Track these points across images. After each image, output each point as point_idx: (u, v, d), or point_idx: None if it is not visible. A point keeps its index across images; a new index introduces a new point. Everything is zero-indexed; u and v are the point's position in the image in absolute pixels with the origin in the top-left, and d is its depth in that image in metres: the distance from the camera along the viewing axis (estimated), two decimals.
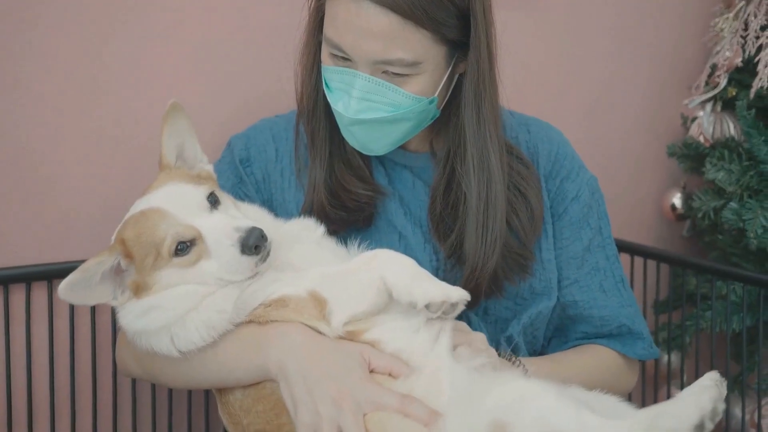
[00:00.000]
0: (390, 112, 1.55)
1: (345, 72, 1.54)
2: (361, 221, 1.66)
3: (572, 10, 2.51)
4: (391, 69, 1.51)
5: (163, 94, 1.93)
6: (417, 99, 1.55)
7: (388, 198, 1.69)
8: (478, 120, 1.61)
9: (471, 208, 1.62)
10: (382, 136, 1.60)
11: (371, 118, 1.55)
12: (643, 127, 2.69)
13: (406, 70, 1.52)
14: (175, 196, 1.44)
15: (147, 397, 1.98)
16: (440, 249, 1.66)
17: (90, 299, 1.42)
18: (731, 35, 2.46)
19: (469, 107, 1.60)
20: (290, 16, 2.03)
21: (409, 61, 1.51)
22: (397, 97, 1.54)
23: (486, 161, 1.62)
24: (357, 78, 1.53)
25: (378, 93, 1.53)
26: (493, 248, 1.61)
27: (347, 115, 1.56)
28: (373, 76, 1.52)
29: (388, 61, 1.50)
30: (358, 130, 1.58)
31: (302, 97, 1.70)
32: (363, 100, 1.54)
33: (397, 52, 1.49)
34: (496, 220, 1.61)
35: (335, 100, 1.58)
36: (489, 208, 1.61)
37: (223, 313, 1.44)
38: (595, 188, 1.79)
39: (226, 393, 1.51)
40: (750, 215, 2.23)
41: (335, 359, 1.39)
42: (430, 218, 1.68)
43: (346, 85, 1.55)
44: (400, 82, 1.53)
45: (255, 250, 1.39)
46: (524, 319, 1.69)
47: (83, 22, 1.85)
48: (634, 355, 1.76)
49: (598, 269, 1.75)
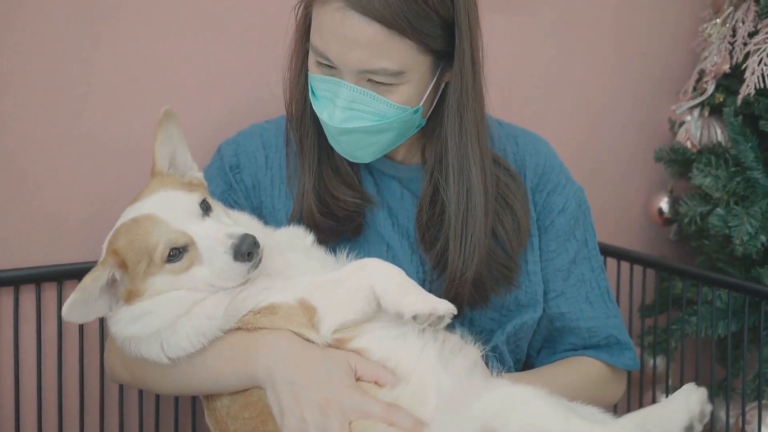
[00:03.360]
0: (375, 121, 1.56)
1: (330, 81, 1.55)
2: (350, 231, 1.67)
3: (560, 15, 2.51)
4: (376, 78, 1.52)
5: (153, 98, 1.93)
6: (402, 108, 1.56)
7: (377, 208, 1.70)
8: (460, 130, 1.61)
9: (450, 217, 1.62)
10: (368, 145, 1.60)
11: (355, 127, 1.56)
12: (630, 131, 2.70)
13: (391, 80, 1.52)
14: (168, 202, 1.45)
15: (134, 401, 1.98)
16: (426, 260, 1.67)
17: (90, 315, 1.43)
18: (719, 41, 2.46)
19: (452, 117, 1.61)
20: (280, 21, 2.03)
21: (394, 71, 1.51)
22: (381, 106, 1.54)
23: (466, 172, 1.62)
24: (342, 87, 1.53)
25: (362, 102, 1.54)
26: (472, 258, 1.61)
27: (332, 124, 1.56)
28: (357, 86, 1.53)
29: (373, 70, 1.50)
30: (344, 139, 1.59)
31: (290, 104, 1.70)
32: (347, 109, 1.54)
33: (381, 62, 1.50)
34: (475, 229, 1.62)
35: (321, 109, 1.58)
36: (468, 217, 1.62)
37: (213, 320, 1.44)
38: (581, 200, 1.80)
39: (213, 399, 1.52)
40: (736, 222, 2.23)
41: (322, 367, 1.40)
42: (417, 228, 1.69)
43: (332, 94, 1.55)
44: (385, 91, 1.54)
45: (247, 256, 1.40)
46: (508, 328, 1.70)
47: (72, 25, 1.85)
48: (622, 365, 1.77)
49: (584, 281, 1.76)
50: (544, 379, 1.65)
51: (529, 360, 1.82)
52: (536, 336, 1.78)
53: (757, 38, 2.31)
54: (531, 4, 2.45)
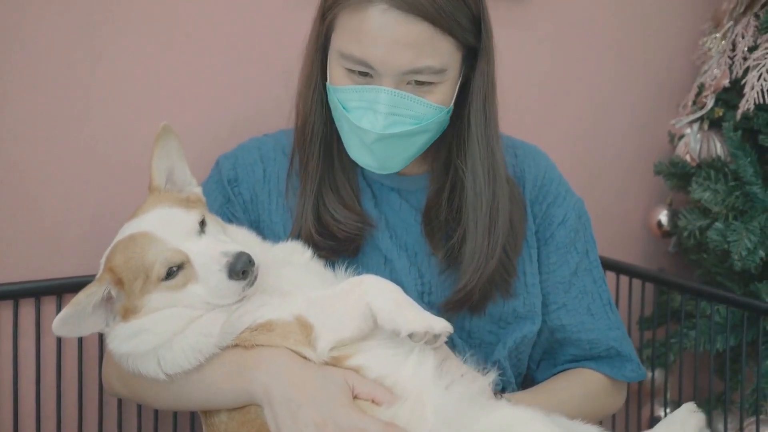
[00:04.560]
0: (414, 125, 1.56)
1: (366, 89, 1.54)
2: (350, 251, 1.67)
3: (560, 27, 2.52)
4: (419, 78, 1.52)
5: (152, 114, 1.94)
6: (439, 109, 1.57)
7: (374, 221, 1.70)
8: (486, 122, 1.64)
9: (473, 209, 1.63)
10: (402, 151, 1.61)
11: (397, 132, 1.56)
12: (630, 143, 2.70)
13: (433, 78, 1.54)
14: (164, 220, 1.45)
15: (133, 415, 1.98)
16: (427, 269, 1.67)
17: (83, 331, 1.44)
18: (719, 55, 2.46)
19: (478, 113, 1.63)
20: (279, 35, 2.05)
21: (437, 69, 1.53)
22: (421, 108, 1.55)
23: (492, 161, 1.64)
24: (381, 93, 1.53)
25: (403, 106, 1.54)
26: (495, 247, 1.64)
27: (375, 131, 1.55)
28: (397, 89, 1.53)
29: (418, 69, 1.51)
30: (381, 146, 1.58)
31: (305, 122, 1.69)
32: (390, 115, 1.54)
33: (426, 60, 1.51)
34: (499, 216, 1.64)
35: (358, 118, 1.57)
36: (497, 206, 1.65)
37: (209, 337, 1.44)
38: (581, 211, 1.81)
39: (212, 415, 1.52)
40: (735, 237, 2.23)
41: (319, 385, 1.40)
42: (426, 226, 1.69)
43: (369, 103, 1.55)
44: (425, 92, 1.55)
45: (242, 275, 1.40)
46: (509, 343, 1.70)
47: (73, 39, 1.85)
48: (623, 377, 1.77)
49: (586, 293, 1.76)
50: (546, 395, 1.66)
51: (528, 372, 1.82)
52: (536, 348, 1.78)
53: (757, 53, 2.31)
54: (530, 17, 2.45)
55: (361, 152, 1.62)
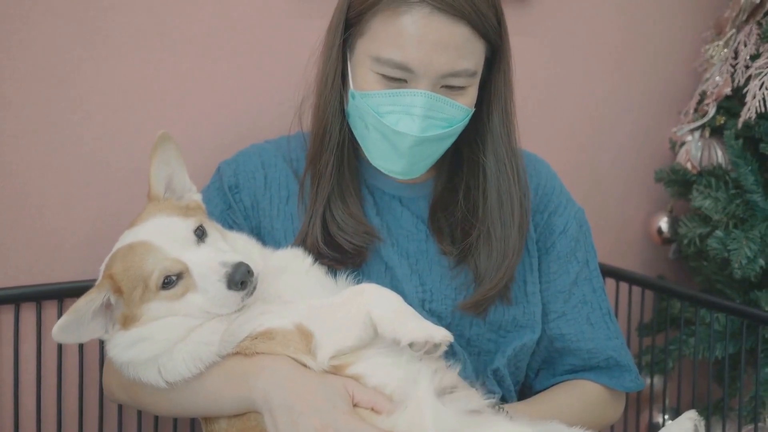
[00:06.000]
0: (446, 127, 1.58)
1: (400, 93, 1.54)
2: (355, 264, 1.66)
3: (561, 35, 2.52)
4: (455, 82, 1.53)
5: (153, 120, 1.94)
6: (466, 111, 1.59)
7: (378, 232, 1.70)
8: (507, 120, 1.67)
9: (495, 205, 1.66)
10: (432, 153, 1.62)
11: (431, 135, 1.56)
12: (631, 151, 2.70)
13: (467, 81, 1.55)
14: (163, 229, 1.46)
15: (133, 420, 1.99)
16: (428, 277, 1.67)
17: (83, 337, 1.44)
18: (721, 63, 2.46)
19: (501, 112, 1.66)
20: (281, 41, 2.05)
21: (472, 71, 1.54)
22: (452, 111, 1.56)
23: (513, 157, 1.67)
24: (417, 96, 1.53)
25: (438, 109, 1.55)
26: (522, 242, 1.68)
27: (413, 134, 1.55)
28: (433, 92, 1.53)
29: (456, 72, 1.52)
30: (415, 150, 1.58)
31: (324, 130, 1.67)
32: (426, 118, 1.55)
33: (463, 63, 1.52)
34: (514, 215, 1.68)
35: (394, 122, 1.56)
36: (519, 202, 1.69)
37: (210, 345, 1.45)
38: (582, 221, 1.81)
39: (212, 422, 1.52)
40: (735, 245, 2.23)
41: (320, 393, 1.40)
42: (433, 224, 1.70)
43: (405, 107, 1.54)
44: (457, 95, 1.56)
45: (241, 285, 1.41)
46: (509, 351, 1.70)
47: (75, 45, 1.86)
48: (622, 387, 1.77)
49: (585, 302, 1.76)
50: (544, 405, 1.66)
51: (527, 381, 1.82)
52: (535, 357, 1.78)
53: (759, 62, 2.31)
54: (531, 24, 2.45)
55: (389, 158, 1.61)
